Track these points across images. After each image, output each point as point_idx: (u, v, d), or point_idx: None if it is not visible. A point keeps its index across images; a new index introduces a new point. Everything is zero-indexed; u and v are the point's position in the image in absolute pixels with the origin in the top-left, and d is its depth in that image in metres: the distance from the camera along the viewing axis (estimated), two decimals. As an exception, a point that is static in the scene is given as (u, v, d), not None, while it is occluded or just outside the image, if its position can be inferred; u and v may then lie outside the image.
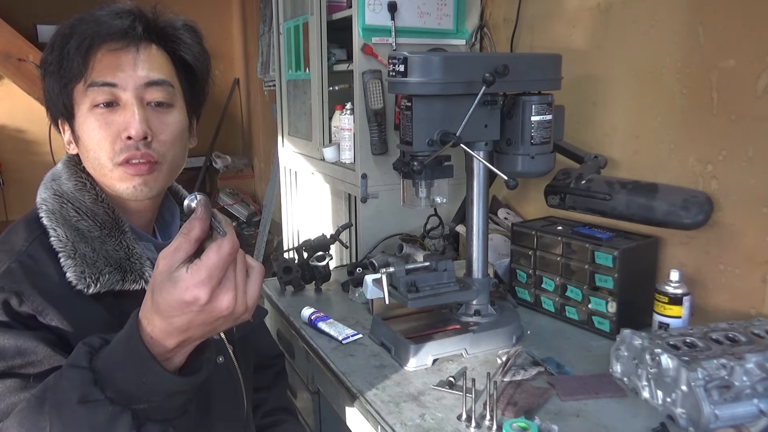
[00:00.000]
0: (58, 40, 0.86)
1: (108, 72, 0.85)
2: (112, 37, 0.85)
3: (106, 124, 0.86)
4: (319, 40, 2.08)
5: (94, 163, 0.88)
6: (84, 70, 0.84)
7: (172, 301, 0.64)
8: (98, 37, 0.85)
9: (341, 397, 1.20)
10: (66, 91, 0.86)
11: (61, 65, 0.85)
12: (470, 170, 1.29)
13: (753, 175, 1.27)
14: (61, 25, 0.88)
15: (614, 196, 1.37)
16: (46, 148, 4.05)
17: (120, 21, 0.86)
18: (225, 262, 0.64)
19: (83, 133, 0.87)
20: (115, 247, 0.88)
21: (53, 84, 0.87)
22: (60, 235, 0.84)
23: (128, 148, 0.86)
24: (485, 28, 1.99)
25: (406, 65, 1.15)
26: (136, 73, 0.87)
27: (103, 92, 0.85)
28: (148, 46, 0.89)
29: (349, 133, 1.98)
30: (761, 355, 0.98)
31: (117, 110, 0.86)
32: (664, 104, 1.44)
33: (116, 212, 0.90)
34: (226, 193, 4.70)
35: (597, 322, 1.36)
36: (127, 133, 0.85)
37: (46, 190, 0.90)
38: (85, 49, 0.84)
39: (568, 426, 1.00)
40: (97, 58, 0.85)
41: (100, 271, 0.84)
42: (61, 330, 0.79)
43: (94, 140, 0.86)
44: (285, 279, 1.62)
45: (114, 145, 0.86)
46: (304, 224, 2.66)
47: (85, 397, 0.66)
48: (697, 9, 1.35)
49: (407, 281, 1.25)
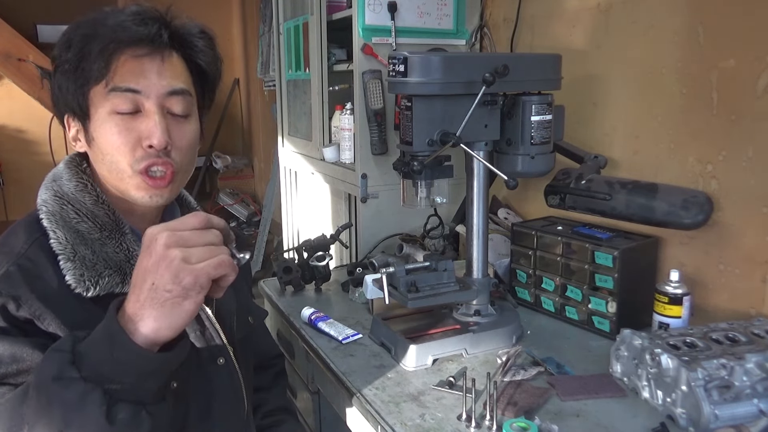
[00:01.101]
0: (78, 38, 0.84)
1: (131, 78, 0.85)
2: (137, 43, 0.85)
3: (126, 130, 0.86)
4: (319, 40, 2.08)
5: (110, 166, 0.88)
6: (105, 73, 0.84)
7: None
8: (123, 43, 0.84)
9: (341, 397, 1.20)
10: (82, 91, 0.86)
11: (80, 65, 0.84)
12: (470, 170, 1.29)
13: (753, 175, 1.27)
14: (79, 24, 0.86)
15: (614, 196, 1.37)
16: (46, 148, 4.05)
17: (146, 28, 0.85)
18: (190, 225, 0.72)
19: (100, 136, 0.87)
20: (116, 249, 0.87)
21: (67, 82, 0.86)
22: (60, 237, 0.84)
23: (149, 156, 0.87)
24: (485, 28, 1.99)
25: (406, 65, 1.15)
26: (160, 82, 0.87)
27: (126, 98, 0.85)
28: (170, 54, 0.89)
29: (349, 133, 1.98)
30: (761, 355, 0.98)
31: (138, 117, 0.86)
32: (664, 104, 1.44)
33: (117, 214, 0.90)
34: (226, 193, 4.70)
35: (597, 322, 1.36)
36: (149, 142, 0.86)
37: (47, 191, 0.90)
38: (109, 53, 0.83)
39: (568, 426, 1.00)
40: (120, 62, 0.84)
41: (99, 273, 0.84)
42: (59, 336, 0.79)
43: (112, 145, 0.86)
44: (285, 279, 1.62)
45: (134, 152, 0.86)
46: (304, 224, 2.66)
47: (59, 375, 0.67)
48: (697, 9, 1.35)
49: (407, 281, 1.25)
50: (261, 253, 4.12)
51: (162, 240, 0.69)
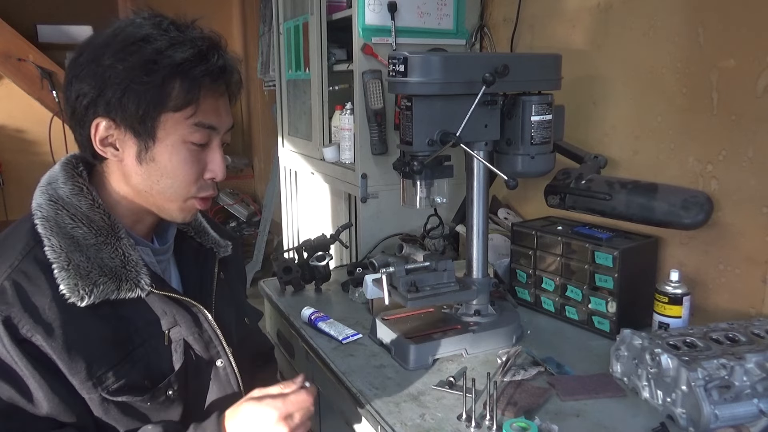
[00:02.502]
0: (150, 53, 0.84)
1: (213, 116, 0.90)
2: (215, 82, 0.88)
3: (197, 161, 0.90)
4: (319, 40, 2.08)
5: (165, 189, 0.90)
6: (189, 106, 0.87)
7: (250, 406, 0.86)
8: (209, 78, 0.87)
9: (341, 397, 1.20)
10: (154, 113, 0.86)
11: (162, 90, 0.84)
12: (470, 170, 1.29)
13: (753, 175, 1.27)
14: (144, 30, 0.85)
15: (614, 196, 1.37)
16: (46, 148, 4.05)
17: (221, 60, 0.88)
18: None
19: (167, 161, 0.88)
20: (111, 254, 0.87)
21: (132, 96, 0.84)
22: (54, 245, 0.84)
23: (208, 188, 0.94)
24: (485, 28, 1.99)
25: (406, 65, 1.15)
26: (227, 120, 0.93)
27: (204, 134, 0.89)
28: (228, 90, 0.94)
29: (349, 133, 1.98)
30: (761, 355, 0.98)
31: (204, 149, 0.91)
32: (664, 104, 1.44)
33: (112, 218, 0.90)
34: (226, 193, 4.70)
35: (597, 322, 1.36)
36: (213, 175, 0.92)
37: (42, 195, 0.89)
38: (198, 89, 0.86)
39: (568, 426, 1.00)
40: (203, 97, 0.87)
41: (94, 282, 0.84)
42: (50, 354, 0.81)
43: (180, 172, 0.90)
44: (285, 279, 1.62)
45: (197, 182, 0.92)
46: (304, 224, 2.66)
47: None
48: (697, 9, 1.35)
49: (407, 281, 1.25)
50: (261, 253, 4.12)
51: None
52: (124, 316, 0.88)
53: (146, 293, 0.88)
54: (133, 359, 0.87)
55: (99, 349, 0.84)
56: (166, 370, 0.91)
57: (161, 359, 0.91)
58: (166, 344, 0.92)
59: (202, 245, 1.07)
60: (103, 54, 0.84)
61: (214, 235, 1.09)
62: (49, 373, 0.81)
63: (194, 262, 1.05)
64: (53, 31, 4.16)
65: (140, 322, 0.89)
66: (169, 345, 0.92)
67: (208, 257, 1.07)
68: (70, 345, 0.81)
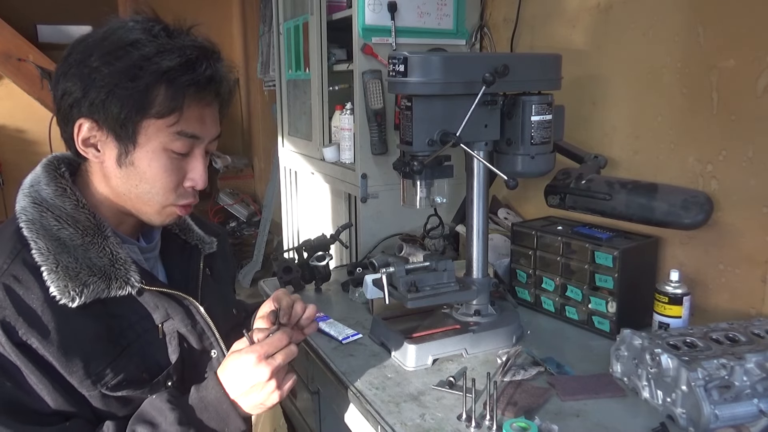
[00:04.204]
0: (136, 58, 0.83)
1: (197, 125, 0.89)
2: (201, 91, 0.87)
3: (177, 169, 0.90)
4: (319, 40, 2.08)
5: (143, 194, 0.90)
6: (172, 114, 0.86)
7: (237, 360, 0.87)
8: (195, 87, 0.86)
9: (341, 397, 1.20)
10: (137, 119, 0.85)
11: (145, 97, 0.84)
12: (470, 170, 1.29)
13: (753, 175, 1.27)
14: (134, 35, 0.85)
15: (614, 196, 1.37)
16: (46, 148, 4.05)
17: (209, 70, 0.87)
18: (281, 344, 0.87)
19: (147, 167, 0.88)
20: (99, 253, 0.88)
21: (115, 100, 0.84)
22: (41, 248, 0.84)
23: (187, 196, 0.94)
24: (485, 28, 1.99)
25: (406, 65, 1.15)
26: (212, 129, 0.92)
27: (186, 143, 0.89)
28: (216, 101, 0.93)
29: (349, 133, 1.98)
30: (761, 355, 0.98)
31: (186, 157, 0.91)
32: (664, 104, 1.44)
33: (97, 217, 0.90)
34: (226, 193, 4.69)
35: (597, 322, 1.36)
36: (193, 183, 0.92)
37: (25, 198, 0.90)
38: (182, 97, 0.85)
39: (568, 426, 1.00)
40: (187, 105, 0.86)
41: (84, 282, 0.84)
42: (47, 356, 0.81)
43: (159, 180, 0.89)
44: (285, 279, 1.62)
45: (177, 189, 0.91)
46: (304, 224, 2.66)
47: None
48: (697, 9, 1.35)
49: (407, 281, 1.25)
50: (261, 253, 4.12)
51: (267, 374, 0.85)
52: (117, 313, 0.89)
53: (137, 290, 0.89)
54: (129, 354, 0.88)
55: (94, 348, 0.85)
56: (162, 363, 0.93)
57: (157, 352, 0.93)
58: (160, 338, 0.93)
59: (187, 242, 1.08)
60: (91, 55, 0.84)
61: (199, 232, 1.10)
62: (49, 373, 0.82)
63: (180, 260, 1.06)
64: (53, 31, 4.16)
65: (133, 318, 0.90)
66: (163, 338, 0.93)
67: (193, 254, 1.08)
68: (66, 346, 0.82)
